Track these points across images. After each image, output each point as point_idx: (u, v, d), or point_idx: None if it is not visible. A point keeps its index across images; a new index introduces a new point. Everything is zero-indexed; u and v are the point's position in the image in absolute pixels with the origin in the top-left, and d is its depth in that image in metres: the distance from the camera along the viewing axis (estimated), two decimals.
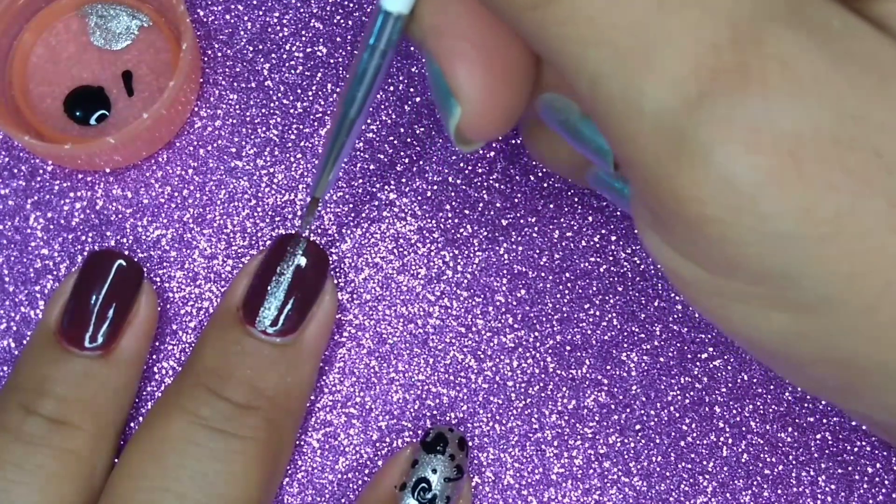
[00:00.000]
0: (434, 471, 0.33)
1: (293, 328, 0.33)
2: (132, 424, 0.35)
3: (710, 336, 0.37)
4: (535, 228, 0.37)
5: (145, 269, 0.36)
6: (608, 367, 0.36)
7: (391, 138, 0.38)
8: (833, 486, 0.36)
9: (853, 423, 0.36)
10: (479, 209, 0.37)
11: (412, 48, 0.38)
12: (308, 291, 0.33)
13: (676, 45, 0.19)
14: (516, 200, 0.37)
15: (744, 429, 0.36)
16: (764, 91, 0.18)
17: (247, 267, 0.34)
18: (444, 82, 0.24)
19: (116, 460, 0.34)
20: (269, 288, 0.33)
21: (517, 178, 0.37)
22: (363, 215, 0.37)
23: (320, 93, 0.38)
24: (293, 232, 0.36)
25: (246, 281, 0.34)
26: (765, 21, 0.19)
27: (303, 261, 0.33)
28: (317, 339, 0.34)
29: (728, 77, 0.19)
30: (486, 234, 0.37)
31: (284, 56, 0.38)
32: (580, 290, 0.37)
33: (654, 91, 0.19)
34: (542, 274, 0.37)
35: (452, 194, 0.37)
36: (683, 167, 0.19)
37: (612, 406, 0.36)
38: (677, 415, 0.36)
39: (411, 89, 0.38)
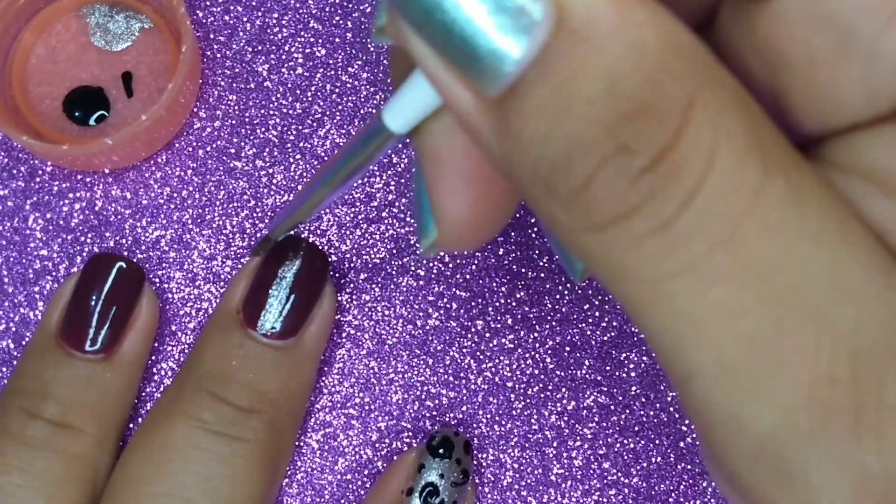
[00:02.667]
0: (441, 475, 0.33)
1: (294, 331, 0.33)
2: (132, 426, 0.35)
3: None
4: (535, 229, 0.37)
5: (144, 270, 0.36)
6: (608, 368, 0.36)
7: None
8: None
9: None
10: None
11: None
12: (308, 294, 0.33)
13: (790, 372, 0.17)
14: None
15: None
16: (879, 445, 0.17)
17: (245, 268, 0.34)
18: (427, 201, 0.23)
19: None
20: (269, 291, 0.33)
21: None
22: (362, 216, 0.37)
23: (319, 94, 0.38)
24: (292, 234, 0.36)
25: (245, 283, 0.34)
26: (890, 358, 0.17)
27: (302, 263, 0.33)
28: (317, 340, 0.34)
29: (843, 418, 0.17)
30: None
31: (283, 57, 0.38)
32: (580, 291, 0.37)
33: (760, 414, 0.17)
34: (542, 275, 0.37)
35: None
36: (785, 494, 0.18)
37: (612, 407, 0.36)
38: (677, 415, 0.36)
39: None
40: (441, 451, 0.33)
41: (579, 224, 0.18)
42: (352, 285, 0.37)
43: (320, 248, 0.34)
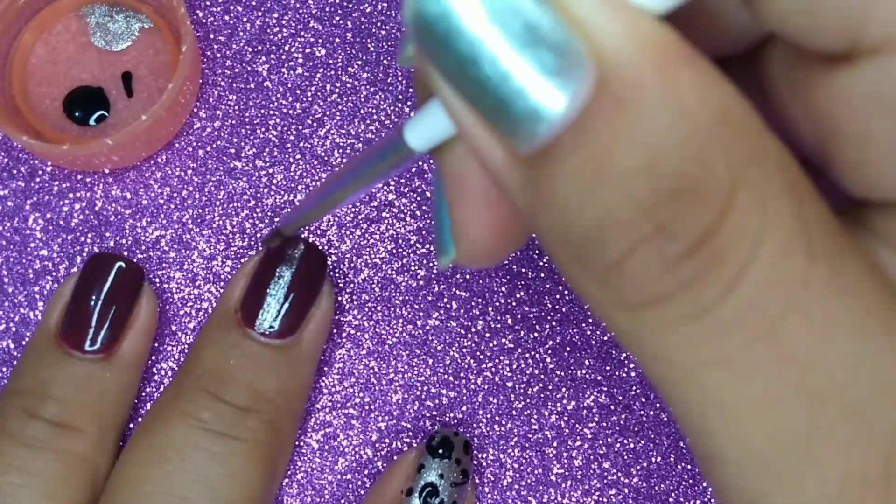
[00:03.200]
0: (441, 475, 0.33)
1: (292, 330, 0.33)
2: (132, 426, 0.35)
3: None
4: None
5: (144, 270, 0.36)
6: (608, 368, 0.36)
7: None
8: None
9: None
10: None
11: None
12: (307, 293, 0.33)
13: (821, 468, 0.16)
14: None
15: None
16: None
17: (243, 268, 0.34)
18: (448, 220, 0.22)
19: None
20: (268, 290, 0.33)
21: None
22: (362, 216, 0.37)
23: (319, 94, 0.38)
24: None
25: (243, 282, 0.34)
26: None
27: (300, 262, 0.33)
28: (315, 340, 0.34)
29: None
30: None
31: (283, 57, 0.38)
32: None
33: None
34: (542, 274, 0.37)
35: None
36: None
37: (612, 407, 0.36)
38: None
39: (410, 89, 0.38)
40: (441, 451, 0.33)
41: (610, 300, 0.16)
42: (352, 285, 0.37)
43: (319, 247, 0.34)
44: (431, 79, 0.16)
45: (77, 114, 0.37)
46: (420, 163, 0.37)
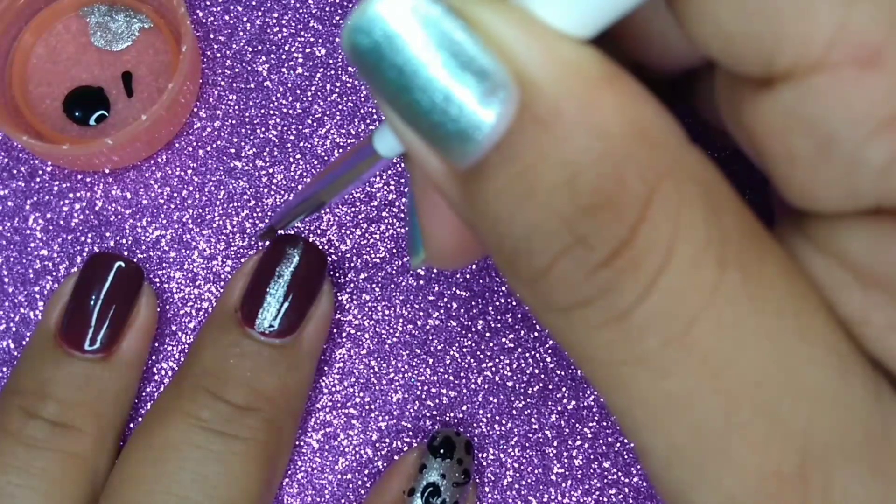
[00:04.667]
0: (443, 476, 0.33)
1: (292, 329, 0.33)
2: (132, 425, 0.35)
3: None
4: None
5: (144, 270, 0.36)
6: None
7: None
8: None
9: None
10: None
11: None
12: (306, 292, 0.33)
13: (738, 463, 0.17)
14: None
15: None
16: None
17: (243, 267, 0.34)
18: (416, 223, 0.23)
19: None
20: (267, 289, 0.33)
21: None
22: (362, 216, 0.37)
23: (319, 93, 0.38)
24: (291, 233, 0.36)
25: (243, 282, 0.34)
26: (838, 458, 0.17)
27: (300, 261, 0.33)
28: (315, 339, 0.34)
29: None
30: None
31: (283, 56, 0.38)
32: None
33: (707, 500, 0.18)
34: None
35: None
36: None
37: None
38: None
39: None
40: (442, 451, 0.33)
41: (541, 304, 0.18)
42: (352, 285, 0.37)
43: (319, 246, 0.34)
44: (376, 98, 0.17)
45: (77, 114, 0.37)
46: None
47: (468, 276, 0.37)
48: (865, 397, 0.17)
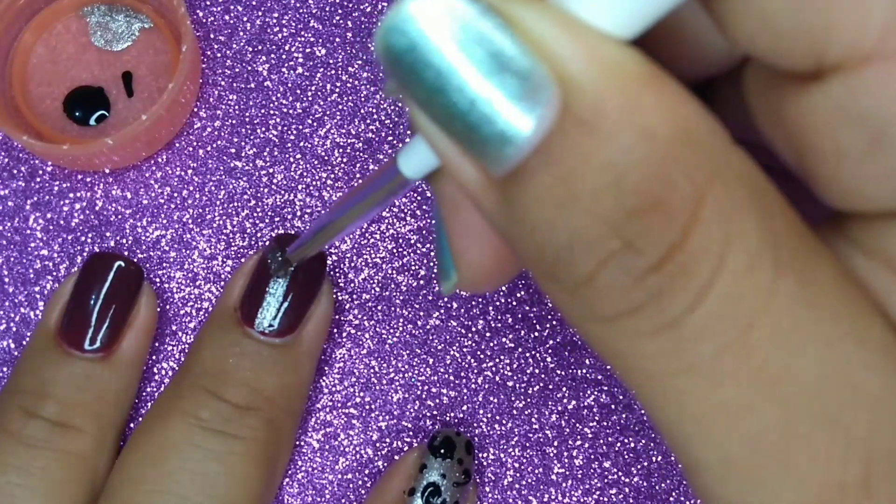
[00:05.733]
0: (443, 475, 0.33)
1: (291, 329, 0.33)
2: (132, 425, 0.35)
3: None
4: None
5: (145, 270, 0.36)
6: (608, 367, 0.36)
7: (391, 138, 0.38)
8: None
9: None
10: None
11: None
12: (306, 291, 0.33)
13: (798, 475, 0.17)
14: None
15: None
16: None
17: (243, 267, 0.34)
18: (447, 245, 0.22)
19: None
20: (267, 289, 0.33)
21: None
22: None
23: (319, 93, 0.38)
24: (290, 233, 0.36)
25: (242, 281, 0.34)
26: None
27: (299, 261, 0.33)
28: (314, 338, 0.34)
29: None
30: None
31: (283, 56, 0.38)
32: None
33: None
34: None
35: None
36: None
37: (613, 406, 0.36)
38: None
39: None
40: (443, 451, 0.33)
41: (584, 313, 0.17)
42: (352, 285, 0.37)
43: None
44: (408, 106, 0.17)
45: (77, 114, 0.37)
46: None
47: None
48: None
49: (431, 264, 0.37)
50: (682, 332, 0.16)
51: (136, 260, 0.36)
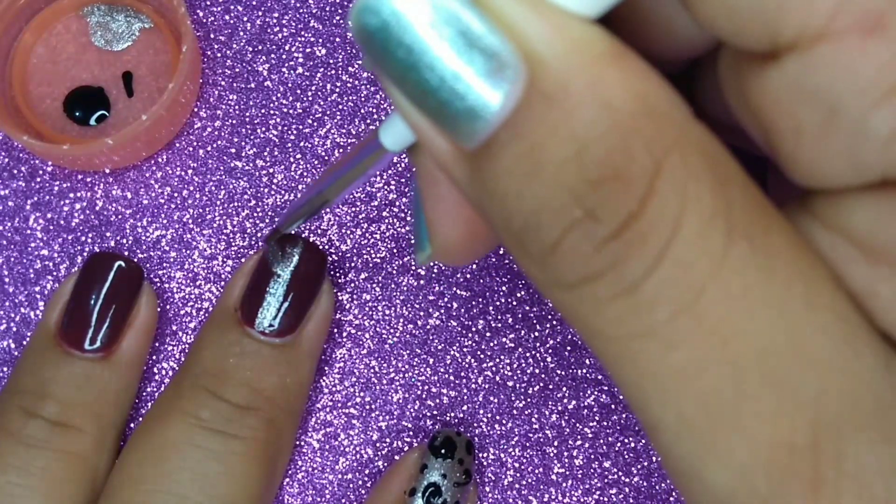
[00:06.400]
0: (444, 475, 0.33)
1: (291, 328, 0.33)
2: (132, 425, 0.35)
3: None
4: None
5: (145, 270, 0.36)
6: None
7: None
8: None
9: None
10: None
11: None
12: (306, 291, 0.33)
13: (749, 434, 0.17)
14: None
15: None
16: None
17: (243, 267, 0.34)
18: (423, 218, 0.23)
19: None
20: (267, 289, 0.33)
21: None
22: (363, 215, 0.37)
23: (319, 93, 0.38)
24: (290, 233, 0.36)
25: (243, 281, 0.34)
26: (850, 428, 0.17)
27: (300, 260, 0.33)
28: (315, 338, 0.34)
29: (801, 486, 0.17)
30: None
31: (284, 56, 0.38)
32: None
33: (718, 472, 0.18)
34: None
35: None
36: None
37: (613, 406, 0.36)
38: None
39: None
40: (443, 451, 0.33)
41: (549, 280, 0.18)
42: (352, 285, 0.37)
43: (319, 246, 0.34)
44: (383, 82, 0.18)
45: (77, 114, 0.37)
46: None
47: (468, 276, 0.37)
48: (875, 366, 0.18)
49: (432, 264, 0.37)
50: (638, 297, 0.17)
51: (136, 260, 0.36)
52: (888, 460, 0.17)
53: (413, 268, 0.37)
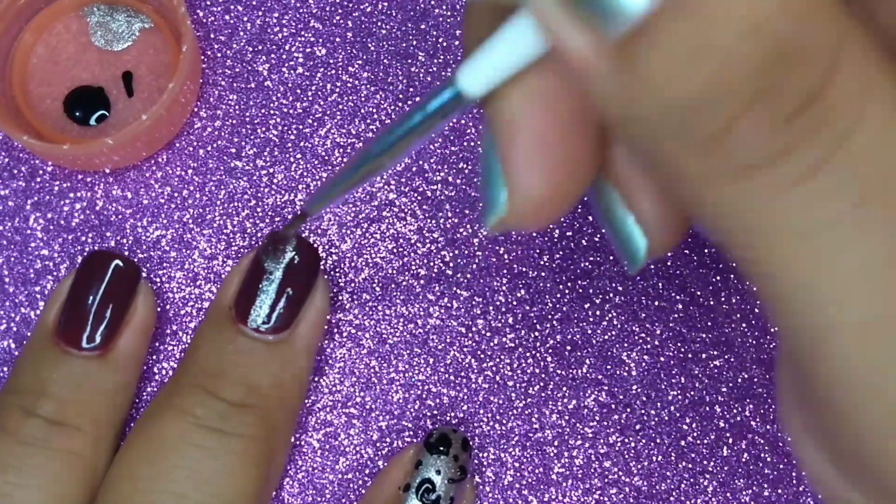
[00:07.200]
0: (438, 472, 0.33)
1: (285, 325, 0.33)
2: (131, 424, 0.35)
3: (710, 336, 0.37)
4: None
5: (145, 270, 0.36)
6: (608, 367, 0.36)
7: None
8: None
9: None
10: (479, 209, 0.37)
11: (410, 48, 0.38)
12: (299, 288, 0.33)
13: None
14: None
15: (744, 429, 0.36)
16: None
17: (238, 265, 0.34)
18: (498, 173, 0.21)
19: None
20: (260, 286, 0.33)
21: None
22: (363, 215, 0.37)
23: (320, 93, 0.38)
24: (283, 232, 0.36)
25: (238, 279, 0.34)
26: None
27: (293, 257, 0.33)
28: (310, 335, 0.34)
29: None
30: (486, 233, 0.37)
31: (284, 56, 0.38)
32: (580, 290, 0.37)
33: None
34: (542, 273, 0.37)
35: (452, 194, 0.37)
36: None
37: (613, 406, 0.36)
38: (677, 414, 0.36)
39: (411, 89, 0.38)
40: (439, 447, 0.33)
41: (716, 171, 0.16)
42: (352, 284, 0.37)
43: (314, 244, 0.34)
44: None
45: (77, 113, 0.37)
46: (420, 162, 0.37)
47: (469, 275, 0.37)
48: None
49: (432, 264, 0.37)
50: (825, 179, 0.16)
51: (136, 260, 0.36)
52: None
53: (413, 268, 0.37)
